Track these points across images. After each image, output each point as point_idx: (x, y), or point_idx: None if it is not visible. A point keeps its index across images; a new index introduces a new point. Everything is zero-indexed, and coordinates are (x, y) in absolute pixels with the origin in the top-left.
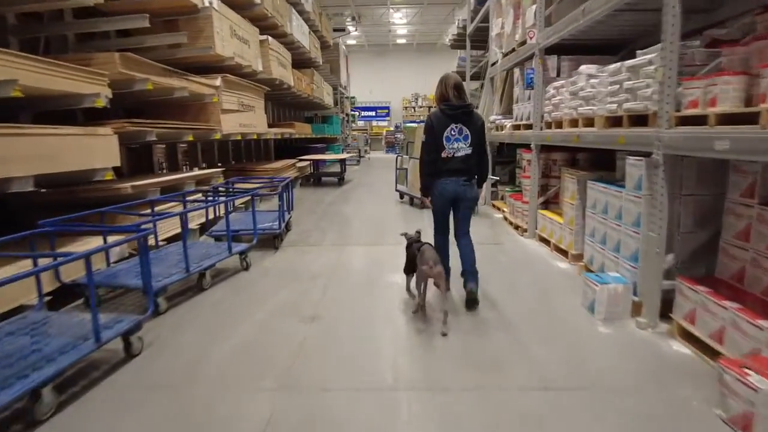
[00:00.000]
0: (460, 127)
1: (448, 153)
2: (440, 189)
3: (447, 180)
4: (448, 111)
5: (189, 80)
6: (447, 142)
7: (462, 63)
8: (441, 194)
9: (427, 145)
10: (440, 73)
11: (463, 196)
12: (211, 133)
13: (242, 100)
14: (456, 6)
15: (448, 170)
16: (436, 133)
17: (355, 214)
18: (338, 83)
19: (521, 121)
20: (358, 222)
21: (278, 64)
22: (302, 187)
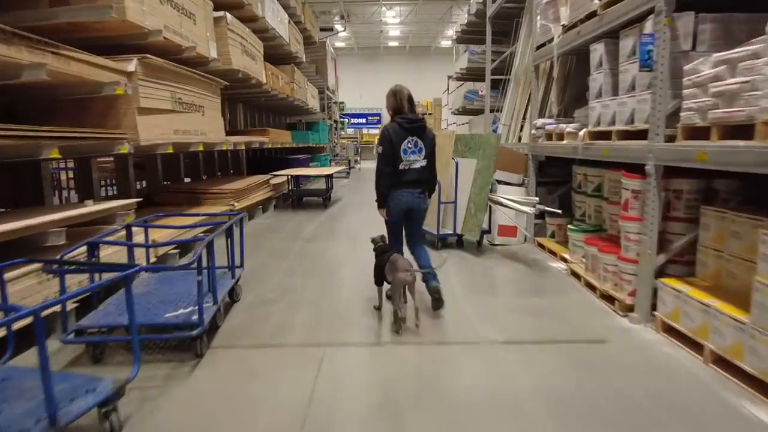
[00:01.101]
0: (416, 140)
1: (404, 165)
2: (396, 201)
3: (403, 192)
4: (405, 124)
5: (65, 57)
6: (404, 154)
7: (475, 57)
8: (397, 206)
9: (384, 157)
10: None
11: (417, 208)
12: (112, 144)
13: (180, 96)
14: (454, 4)
15: (404, 182)
16: (395, 142)
17: (345, 259)
18: (325, 85)
19: (610, 126)
20: (351, 275)
21: (242, 52)
22: (277, 210)
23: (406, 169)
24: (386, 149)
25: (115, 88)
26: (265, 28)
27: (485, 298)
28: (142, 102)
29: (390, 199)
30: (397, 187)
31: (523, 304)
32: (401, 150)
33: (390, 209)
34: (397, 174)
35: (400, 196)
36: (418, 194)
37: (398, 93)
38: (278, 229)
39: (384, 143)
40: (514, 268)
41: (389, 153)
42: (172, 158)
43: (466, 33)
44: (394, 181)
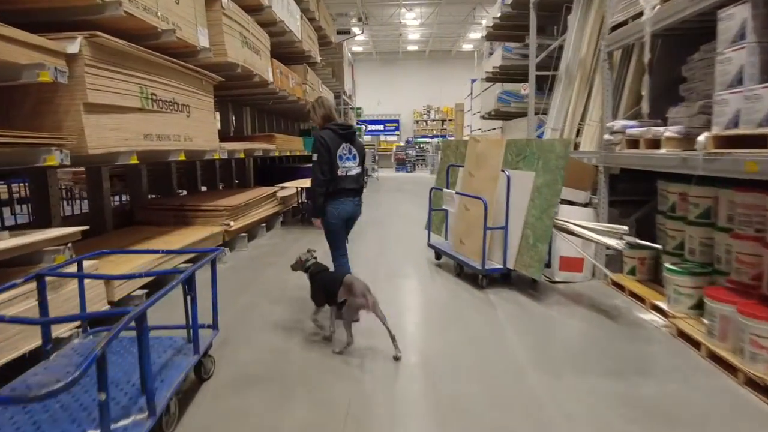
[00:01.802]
0: (349, 147)
1: (342, 171)
2: (339, 209)
3: (345, 200)
4: (340, 130)
5: None
6: (340, 161)
7: (511, 54)
8: (339, 215)
9: (320, 164)
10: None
11: (355, 216)
12: (34, 154)
13: (153, 92)
14: (477, 5)
15: (344, 189)
16: (331, 147)
17: None
18: (341, 90)
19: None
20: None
21: (243, 43)
22: (285, 227)
23: (344, 176)
24: (323, 156)
25: (37, 73)
26: (272, 20)
27: (566, 379)
28: (91, 96)
29: (332, 208)
30: (337, 194)
31: (629, 394)
32: (337, 156)
33: (331, 217)
34: (336, 181)
35: (342, 204)
36: (357, 202)
37: (325, 101)
38: (281, 253)
39: (320, 150)
40: (591, 320)
41: (326, 160)
42: (164, 167)
43: (498, 28)
44: (334, 188)
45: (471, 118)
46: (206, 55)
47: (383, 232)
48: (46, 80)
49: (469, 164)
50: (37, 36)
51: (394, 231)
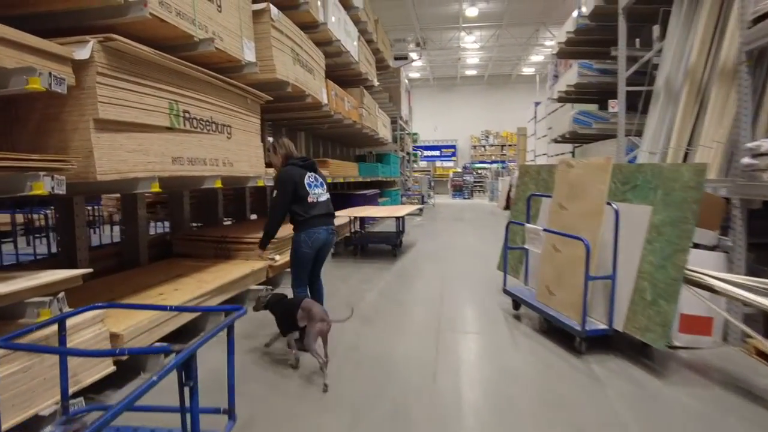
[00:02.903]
0: (314, 176)
1: (312, 198)
2: (312, 238)
3: (319, 229)
4: (300, 162)
5: None
6: (309, 188)
7: (588, 71)
8: (313, 243)
9: (284, 194)
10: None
11: (329, 243)
12: (21, 179)
13: (186, 109)
14: (541, 26)
15: (317, 216)
16: (297, 181)
17: (423, 372)
18: (398, 115)
19: None
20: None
21: (294, 60)
22: (336, 260)
23: (315, 202)
24: (288, 188)
25: (26, 79)
26: (328, 39)
27: None
28: (104, 111)
29: (305, 236)
30: (311, 223)
31: None
32: (306, 184)
33: (304, 246)
34: (307, 208)
35: (316, 233)
36: (332, 230)
37: (284, 143)
38: (328, 295)
39: (286, 184)
40: (742, 412)
41: (291, 191)
42: (209, 193)
43: (572, 44)
44: (306, 216)
45: (535, 143)
46: (251, 70)
47: (443, 269)
48: (36, 89)
49: (560, 194)
50: (31, 36)
51: (456, 269)
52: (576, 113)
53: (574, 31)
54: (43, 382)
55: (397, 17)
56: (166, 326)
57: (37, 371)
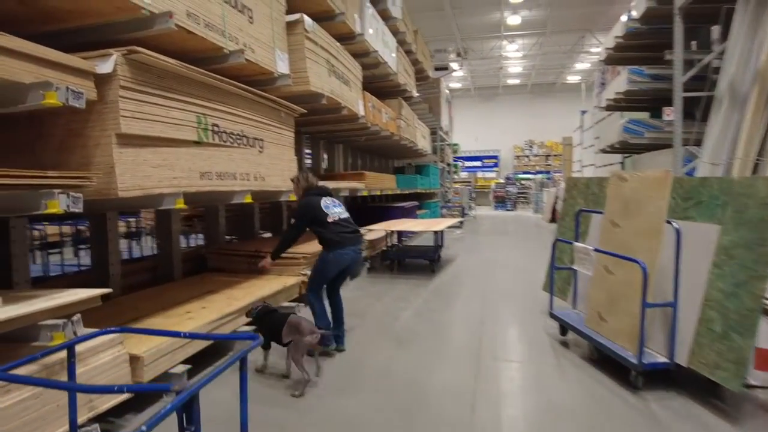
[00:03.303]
0: (331, 199)
1: (332, 218)
2: (339, 259)
3: (347, 250)
4: (316, 191)
5: None
6: (327, 209)
7: (639, 78)
8: (339, 263)
9: (301, 219)
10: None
11: (355, 263)
12: (36, 197)
13: (215, 122)
14: (586, 32)
15: (345, 235)
16: (315, 206)
17: (461, 409)
18: (438, 126)
19: None
20: None
21: (329, 72)
22: (372, 275)
23: (337, 221)
24: (307, 215)
25: (42, 94)
26: (365, 51)
27: None
28: (126, 126)
29: (333, 255)
30: (340, 244)
31: None
32: (323, 207)
33: (331, 263)
34: (330, 228)
35: (344, 254)
36: (359, 251)
37: (305, 175)
38: (361, 313)
39: (306, 210)
40: None
41: (309, 217)
42: (245, 206)
43: (621, 49)
44: (336, 238)
45: (582, 153)
46: (285, 82)
47: (484, 287)
48: (52, 103)
49: (612, 210)
50: (50, 50)
51: (498, 287)
52: (626, 122)
53: (624, 35)
54: (55, 409)
55: (437, 28)
56: (189, 347)
57: (50, 397)
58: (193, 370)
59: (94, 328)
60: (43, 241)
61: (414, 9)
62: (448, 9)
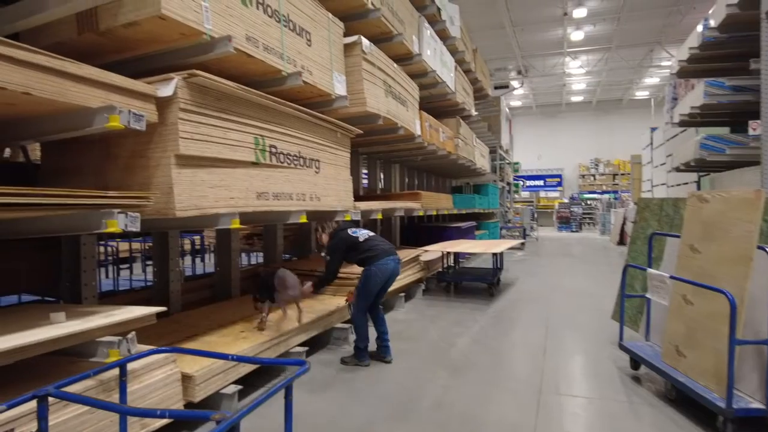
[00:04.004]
0: (355, 227)
1: (363, 237)
2: (382, 269)
3: (387, 260)
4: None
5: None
6: (355, 233)
7: (717, 90)
8: (383, 273)
9: (337, 252)
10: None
11: (396, 273)
12: (97, 216)
13: (273, 144)
14: (657, 45)
15: (381, 246)
16: (344, 236)
17: None
18: (498, 144)
19: None
20: None
21: (386, 93)
22: (427, 296)
23: (368, 237)
24: (340, 244)
25: (107, 117)
26: (423, 71)
27: None
28: (185, 147)
29: (376, 268)
30: (379, 256)
31: None
32: (351, 233)
33: (375, 276)
34: (365, 246)
35: (385, 264)
36: (398, 260)
37: (330, 224)
38: (415, 338)
39: (338, 242)
40: None
41: (343, 248)
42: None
43: (696, 61)
44: (372, 253)
45: (652, 171)
46: (342, 104)
47: (547, 314)
48: (115, 126)
49: (691, 234)
50: (116, 75)
51: (562, 314)
52: (703, 138)
53: (699, 46)
54: (110, 425)
55: (497, 46)
56: (241, 368)
57: (105, 413)
58: (245, 390)
59: (151, 345)
60: (114, 256)
61: (473, 28)
62: (509, 27)
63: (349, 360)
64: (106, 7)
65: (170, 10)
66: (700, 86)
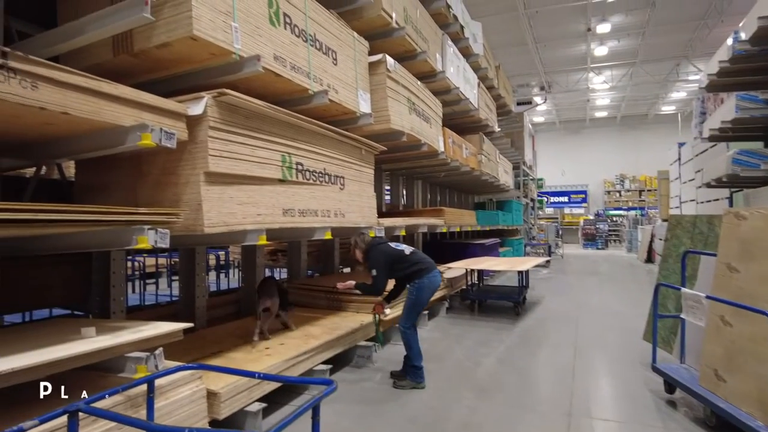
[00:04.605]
0: (395, 242)
1: (408, 251)
2: (432, 281)
3: (435, 272)
4: (378, 241)
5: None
6: (398, 248)
7: (753, 104)
8: (433, 286)
9: (384, 265)
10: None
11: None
12: (128, 232)
13: (299, 161)
14: (683, 59)
15: (427, 260)
16: (388, 251)
17: None
18: (521, 160)
19: None
20: None
21: (409, 110)
22: (451, 314)
23: (412, 251)
24: (387, 258)
25: (139, 135)
26: (446, 88)
27: None
28: (214, 164)
29: (427, 280)
30: (429, 269)
31: None
32: (394, 247)
33: (427, 290)
34: (412, 258)
35: (435, 276)
36: (438, 272)
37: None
38: (439, 357)
39: (384, 256)
40: None
41: (390, 259)
42: (327, 241)
43: (726, 74)
44: (421, 266)
45: (680, 187)
46: (366, 121)
47: (575, 334)
48: (147, 144)
49: (728, 252)
50: (148, 94)
51: (591, 334)
52: (735, 153)
53: (730, 59)
54: None
55: (520, 63)
56: (266, 385)
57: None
58: (270, 407)
59: (177, 360)
60: (141, 271)
61: (496, 45)
62: (531, 44)
63: (405, 383)
64: (141, 29)
65: (201, 30)
66: (732, 100)
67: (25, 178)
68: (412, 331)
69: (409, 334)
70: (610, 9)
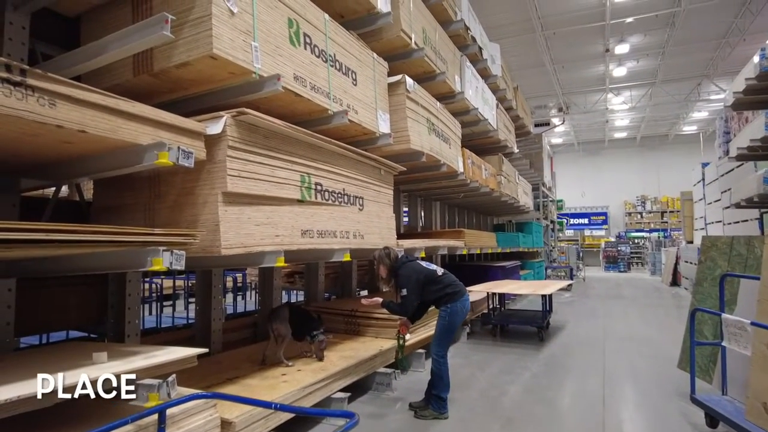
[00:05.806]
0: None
1: (440, 271)
2: (465, 306)
3: (467, 297)
4: (406, 258)
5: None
6: (429, 267)
7: None
8: (464, 309)
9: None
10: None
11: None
12: (142, 254)
13: (318, 181)
14: (704, 78)
15: (459, 283)
16: (419, 269)
17: None
18: (540, 181)
19: None
20: None
21: (429, 130)
22: (472, 340)
23: (445, 272)
24: (419, 278)
25: (156, 154)
26: (465, 108)
27: None
28: (233, 184)
29: (460, 304)
30: (460, 292)
31: None
32: (425, 266)
33: (460, 314)
34: (444, 280)
35: (467, 300)
36: (469, 297)
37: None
38: (462, 384)
39: (417, 275)
40: None
41: (422, 279)
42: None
43: (752, 92)
44: (454, 288)
45: (705, 208)
46: (386, 141)
47: (603, 361)
48: (164, 163)
49: (764, 265)
50: (167, 113)
51: (619, 361)
52: (766, 172)
53: (757, 76)
54: None
55: (538, 84)
56: (283, 414)
57: None
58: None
59: (191, 386)
60: (158, 293)
61: (514, 67)
62: (549, 65)
63: (427, 413)
64: (161, 48)
65: (221, 49)
66: (760, 118)
67: (44, 200)
68: (445, 360)
69: (442, 363)
70: (629, 30)
